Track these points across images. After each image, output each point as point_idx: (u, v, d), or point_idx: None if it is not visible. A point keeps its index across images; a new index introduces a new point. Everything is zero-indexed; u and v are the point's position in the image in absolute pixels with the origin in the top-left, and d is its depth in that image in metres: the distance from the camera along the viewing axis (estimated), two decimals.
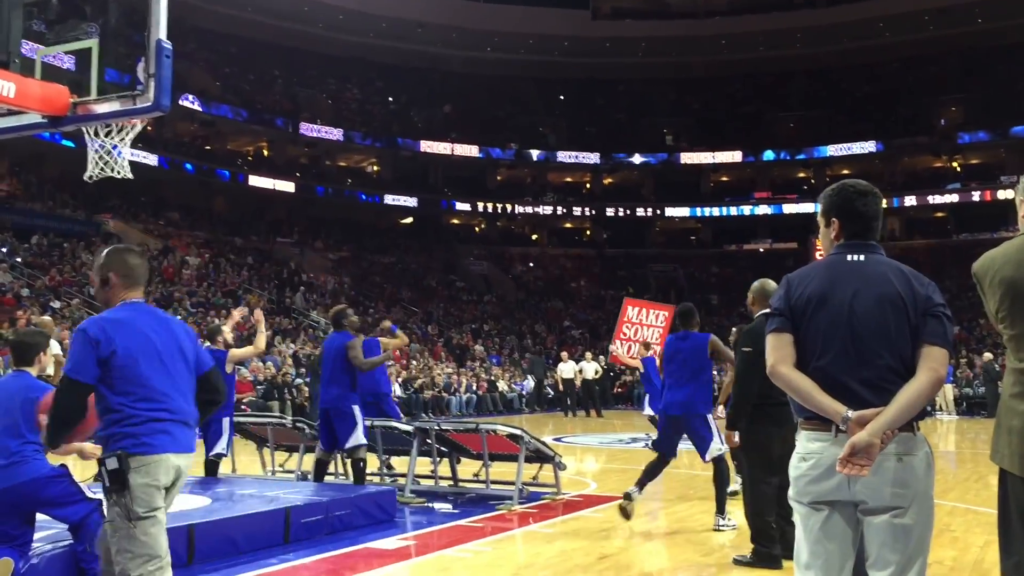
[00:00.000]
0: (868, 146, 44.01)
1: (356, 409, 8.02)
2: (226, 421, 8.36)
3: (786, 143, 46.20)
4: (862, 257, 2.93)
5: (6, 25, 6.04)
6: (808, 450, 2.84)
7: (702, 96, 48.61)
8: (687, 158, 46.83)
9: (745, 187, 46.84)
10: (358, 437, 7.96)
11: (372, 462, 9.49)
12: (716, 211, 46.71)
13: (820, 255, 3.21)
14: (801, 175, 47.02)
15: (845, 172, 41.89)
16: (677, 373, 7.36)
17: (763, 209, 45.87)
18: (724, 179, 48.23)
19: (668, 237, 48.47)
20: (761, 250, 45.73)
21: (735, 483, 7.84)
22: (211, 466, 8.44)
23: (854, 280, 2.89)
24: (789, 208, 45.01)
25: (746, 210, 46.20)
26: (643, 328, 14.36)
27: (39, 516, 4.86)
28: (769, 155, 46.16)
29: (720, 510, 7.12)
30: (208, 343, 8.50)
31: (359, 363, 8.13)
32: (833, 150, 44.47)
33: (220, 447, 8.31)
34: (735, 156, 46.20)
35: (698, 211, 47.05)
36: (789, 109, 47.31)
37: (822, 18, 41.93)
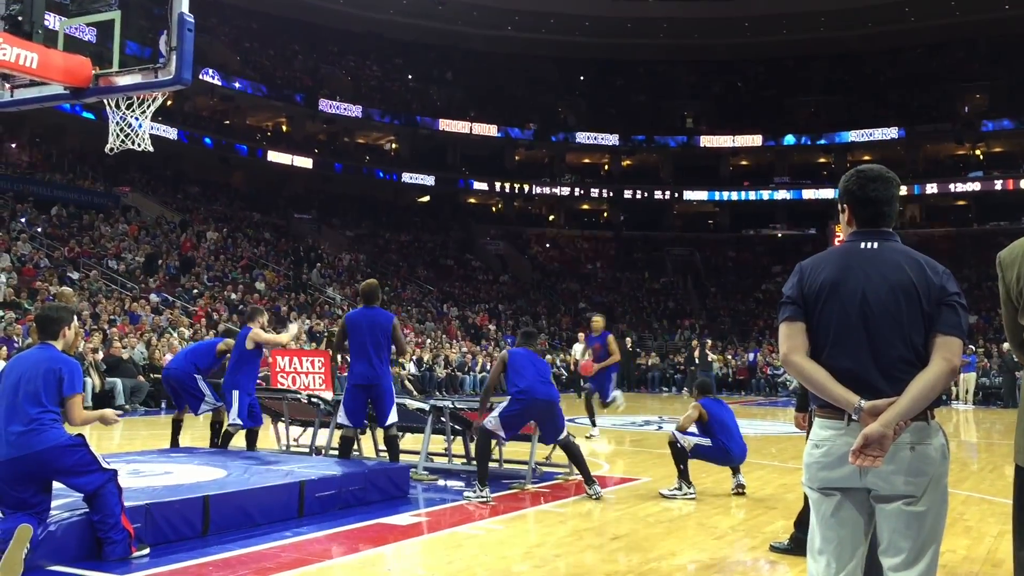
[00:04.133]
0: (890, 132, 43.63)
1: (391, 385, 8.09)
2: (235, 394, 8.41)
3: (807, 128, 45.87)
4: (876, 244, 2.90)
5: None
6: (820, 437, 2.84)
7: (723, 79, 48.28)
8: (707, 141, 46.57)
9: (764, 171, 46.57)
10: (395, 414, 8.02)
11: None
12: (735, 195, 46.49)
13: (839, 242, 3.18)
14: (821, 160, 46.71)
15: (866, 158, 41.55)
16: None
17: (782, 194, 45.61)
18: (743, 163, 47.95)
19: (686, 220, 48.29)
20: (779, 235, 45.51)
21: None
22: (227, 437, 8.62)
23: (867, 268, 2.86)
24: (808, 194, 44.75)
25: (765, 195, 45.95)
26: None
27: (55, 485, 4.92)
28: (789, 139, 45.85)
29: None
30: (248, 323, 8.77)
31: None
32: (854, 135, 44.12)
33: (232, 418, 8.41)
34: (755, 140, 45.91)
35: (716, 195, 46.85)
36: (811, 93, 46.94)
37: (847, 1, 41.46)
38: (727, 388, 27.71)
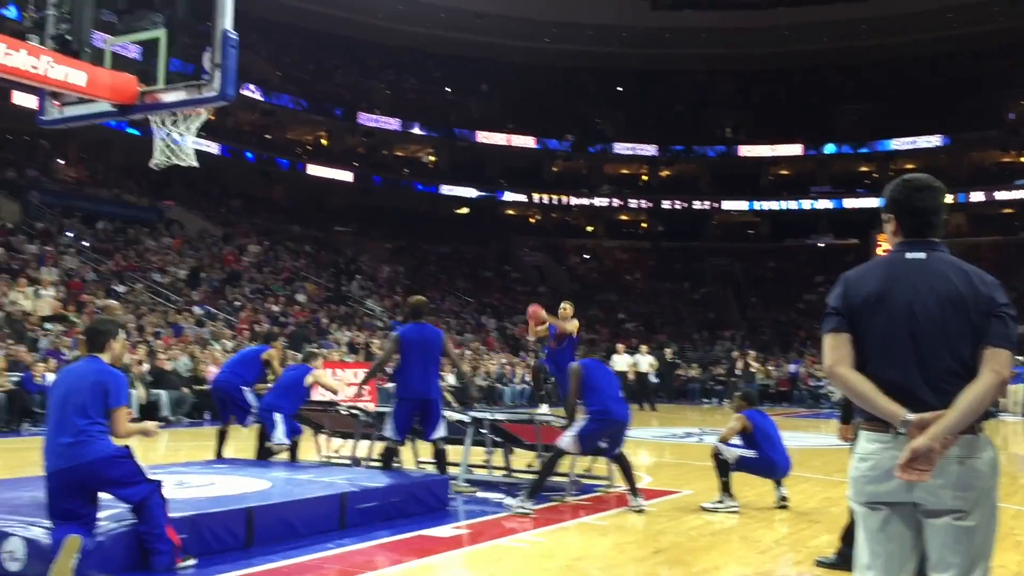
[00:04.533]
0: (934, 140, 43.03)
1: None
2: (278, 417, 8.65)
3: (848, 136, 45.37)
4: (923, 255, 2.85)
5: (78, 15, 6.20)
6: (867, 451, 2.80)
7: (762, 88, 47.95)
8: (746, 151, 46.25)
9: (805, 181, 46.13)
10: (443, 427, 8.09)
11: (425, 450, 9.57)
12: (775, 205, 46.06)
13: (882, 252, 3.12)
14: (863, 169, 46.13)
15: (909, 166, 41.02)
16: None
17: (823, 203, 45.13)
18: (783, 172, 47.53)
19: (725, 231, 47.93)
20: (821, 245, 45.02)
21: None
22: (268, 453, 8.81)
23: (914, 279, 2.82)
24: (850, 203, 44.23)
25: (806, 204, 45.48)
26: None
27: (102, 495, 4.99)
28: (831, 148, 45.39)
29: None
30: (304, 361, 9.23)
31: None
32: (897, 144, 43.57)
33: (277, 439, 8.61)
34: (795, 149, 45.51)
35: (756, 205, 46.47)
36: (852, 102, 46.41)
37: (889, 9, 40.97)
38: (769, 400, 27.39)
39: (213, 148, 34.65)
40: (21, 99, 26.71)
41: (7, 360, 14.93)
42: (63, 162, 31.71)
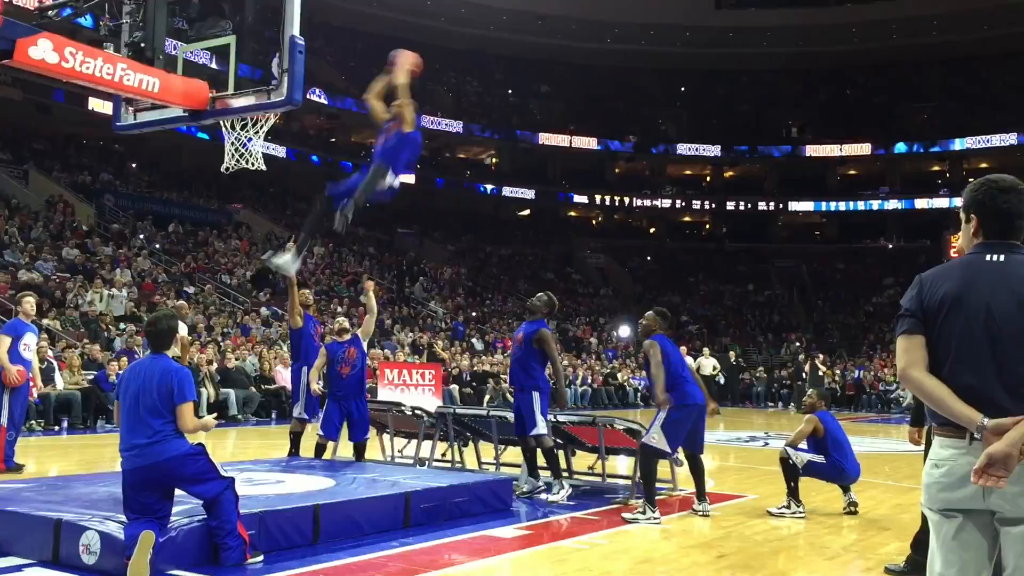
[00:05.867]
0: (1009, 138, 41.73)
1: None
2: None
3: (919, 135, 44.28)
4: (1002, 257, 2.78)
5: (151, 23, 6.35)
6: (940, 457, 2.74)
7: (830, 87, 47.11)
8: (812, 151, 45.48)
9: (874, 181, 45.20)
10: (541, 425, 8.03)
11: (488, 451, 9.61)
12: (842, 205, 45.21)
13: (955, 253, 3.06)
14: (935, 169, 45.05)
15: (983, 166, 39.95)
16: None
17: (893, 204, 44.16)
18: (852, 172, 46.63)
19: (791, 232, 47.21)
20: (890, 247, 44.07)
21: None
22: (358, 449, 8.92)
23: (993, 281, 2.75)
24: (921, 203, 43.21)
25: (875, 205, 44.56)
26: None
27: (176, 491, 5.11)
28: (901, 148, 44.39)
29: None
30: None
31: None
32: (970, 142, 42.38)
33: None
34: (864, 149, 44.58)
35: (823, 205, 45.67)
36: (923, 100, 45.34)
37: (960, 4, 39.92)
38: (836, 404, 26.92)
39: (280, 151, 35.27)
40: (96, 105, 27.51)
41: (82, 359, 15.39)
42: (135, 166, 32.55)
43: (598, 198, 45.97)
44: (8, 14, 5.16)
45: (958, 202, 2.95)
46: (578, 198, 46.12)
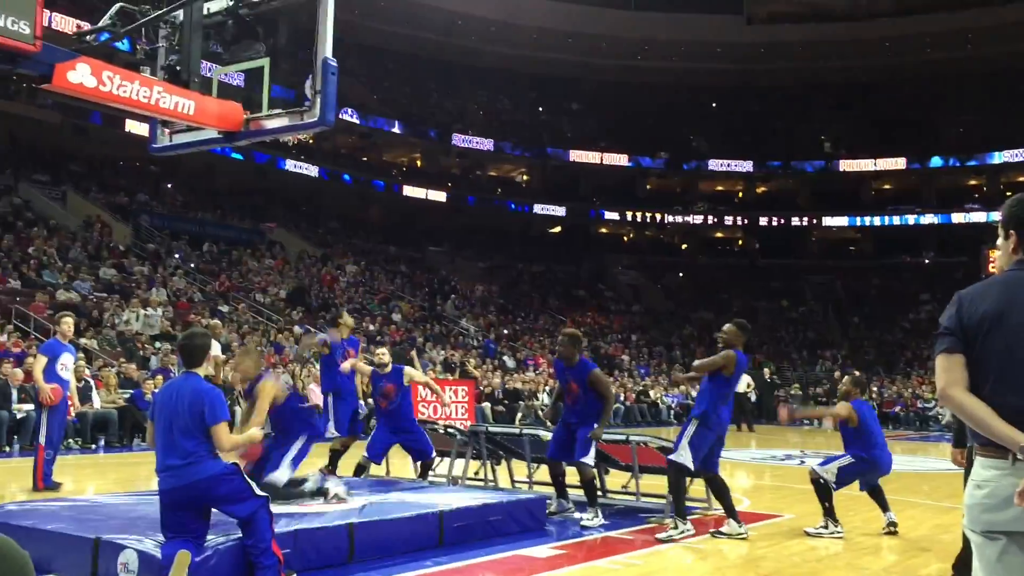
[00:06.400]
0: None
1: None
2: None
3: (955, 149, 43.77)
4: None
5: (187, 47, 6.44)
6: (983, 478, 2.69)
7: (863, 101, 46.74)
8: (846, 165, 45.14)
9: (909, 196, 44.73)
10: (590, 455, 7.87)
11: (520, 469, 9.58)
12: (877, 220, 44.76)
13: (994, 269, 3.01)
14: (972, 183, 44.50)
15: (1021, 179, 39.40)
16: None
17: (929, 218, 43.65)
18: (886, 187, 46.20)
19: (825, 247, 46.80)
20: (927, 262, 43.53)
21: None
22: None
23: None
24: (958, 218, 42.66)
25: (910, 219, 44.06)
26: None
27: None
28: (936, 161, 43.91)
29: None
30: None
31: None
32: (1008, 156, 41.80)
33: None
34: (898, 163, 44.18)
35: (858, 220, 45.26)
36: (958, 113, 44.82)
37: (994, 17, 39.52)
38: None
39: (312, 171, 35.61)
40: (133, 127, 27.95)
41: (119, 378, 15.56)
42: (170, 187, 33.00)
43: (629, 215, 45.90)
44: (47, 39, 5.25)
45: (996, 216, 2.90)
46: (609, 215, 46.08)
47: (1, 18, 4.95)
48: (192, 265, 26.16)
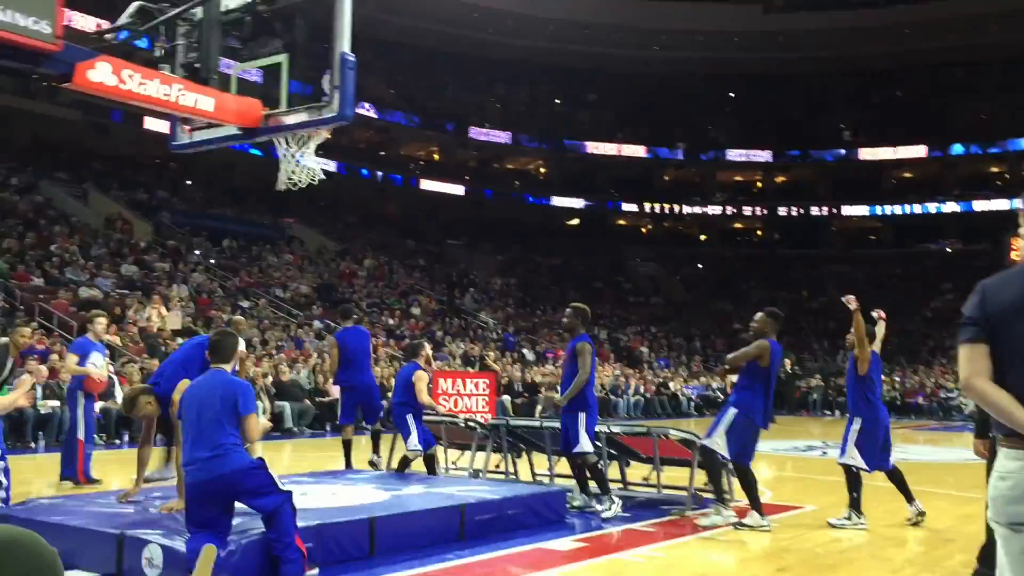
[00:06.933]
0: None
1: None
2: (409, 417, 8.74)
3: (977, 136, 43.37)
4: None
5: (205, 44, 6.47)
6: (1007, 469, 2.67)
7: (883, 89, 46.35)
8: (866, 154, 44.82)
9: (930, 184, 44.36)
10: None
11: (541, 462, 9.59)
12: (898, 209, 44.43)
13: (1016, 257, 2.97)
14: (994, 170, 44.08)
15: None
16: None
17: (950, 206, 43.27)
18: (907, 175, 45.82)
19: (846, 237, 46.52)
20: (948, 251, 43.16)
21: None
22: (404, 463, 8.88)
23: None
24: (980, 205, 42.27)
25: (932, 208, 43.71)
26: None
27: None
28: (957, 149, 43.51)
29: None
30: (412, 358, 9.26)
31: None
32: None
33: (412, 444, 8.67)
34: (919, 151, 43.82)
35: (878, 209, 44.94)
36: (979, 100, 44.39)
37: (1017, 1, 39.03)
38: (896, 412, 26.39)
39: (330, 166, 35.69)
40: (152, 124, 28.12)
41: (142, 374, 15.67)
42: (191, 183, 33.17)
43: (647, 206, 45.79)
44: (68, 38, 5.29)
45: (1019, 203, 2.87)
46: (627, 206, 45.98)
47: (23, 18, 4.99)
48: (212, 261, 26.29)
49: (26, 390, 5.45)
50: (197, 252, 26.33)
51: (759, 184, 47.73)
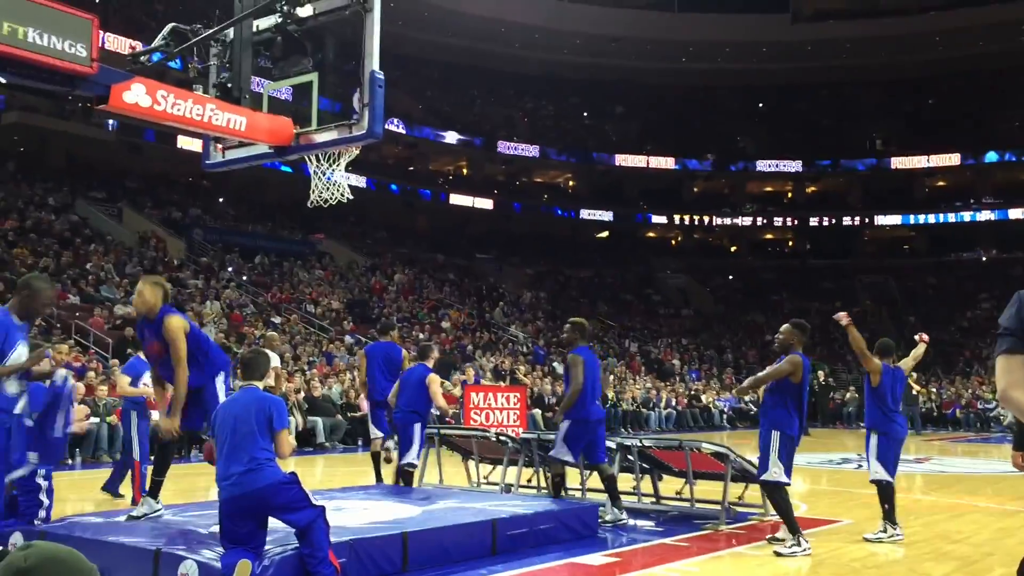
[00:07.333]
0: None
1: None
2: (417, 427, 8.57)
3: (1012, 143, 42.82)
4: None
5: (237, 64, 6.56)
6: None
7: (914, 97, 45.98)
8: (898, 163, 44.41)
9: (964, 192, 43.86)
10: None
11: (573, 476, 9.55)
12: (932, 218, 43.95)
13: None
14: None
15: None
16: None
17: (986, 215, 42.75)
18: (940, 184, 45.37)
19: (878, 247, 46.07)
20: (984, 259, 42.61)
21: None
22: (406, 475, 8.69)
23: None
24: (1016, 213, 41.71)
25: (966, 216, 43.20)
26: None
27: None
28: (992, 156, 43.01)
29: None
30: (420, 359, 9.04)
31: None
32: None
33: (410, 457, 8.57)
34: (952, 159, 43.37)
35: (911, 219, 44.47)
36: (1014, 107, 43.82)
37: None
38: (932, 423, 26.05)
39: (360, 182, 35.94)
40: (185, 143, 28.49)
41: None
42: (222, 200, 33.53)
43: (677, 218, 45.65)
44: (102, 60, 5.38)
45: None
46: (656, 218, 45.87)
47: (59, 41, 5.09)
48: (244, 277, 26.53)
49: (80, 419, 5.58)
50: (229, 269, 26.59)
51: (789, 194, 47.44)
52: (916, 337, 8.29)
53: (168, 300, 6.34)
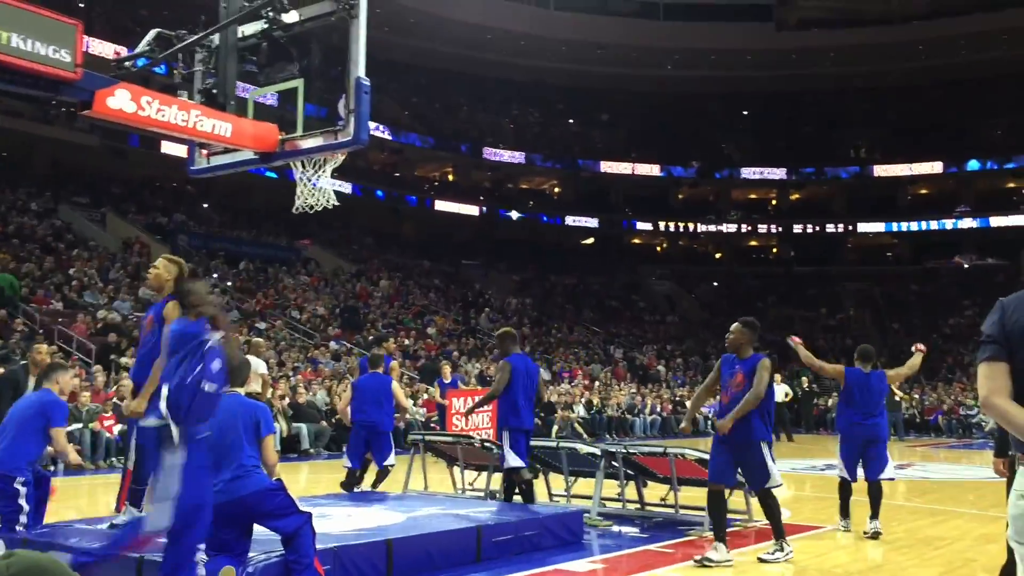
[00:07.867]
0: None
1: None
2: (391, 434, 9.14)
3: (993, 152, 43.23)
4: None
5: (223, 70, 6.55)
6: None
7: (897, 105, 46.26)
8: (881, 171, 44.74)
9: (947, 200, 44.21)
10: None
11: (557, 483, 9.56)
12: (914, 225, 44.27)
13: None
14: (1011, 185, 43.85)
15: None
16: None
17: (967, 223, 43.09)
18: (923, 192, 45.68)
19: (862, 254, 46.35)
20: (966, 267, 42.93)
21: None
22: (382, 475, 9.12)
23: None
24: (997, 221, 42.06)
25: (948, 224, 43.54)
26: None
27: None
28: (973, 165, 43.35)
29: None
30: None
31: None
32: None
33: (390, 460, 8.89)
34: (935, 167, 43.70)
35: (895, 226, 44.78)
36: (995, 115, 44.20)
37: None
38: (915, 429, 26.19)
39: (345, 188, 35.88)
40: (169, 148, 28.38)
41: None
42: (207, 206, 33.40)
43: (662, 225, 45.79)
44: (87, 66, 5.36)
45: None
46: (642, 225, 45.99)
47: (43, 47, 5.07)
48: (229, 283, 26.41)
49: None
50: (214, 275, 26.47)
51: (774, 202, 47.68)
52: (913, 348, 8.44)
53: (185, 276, 6.32)
